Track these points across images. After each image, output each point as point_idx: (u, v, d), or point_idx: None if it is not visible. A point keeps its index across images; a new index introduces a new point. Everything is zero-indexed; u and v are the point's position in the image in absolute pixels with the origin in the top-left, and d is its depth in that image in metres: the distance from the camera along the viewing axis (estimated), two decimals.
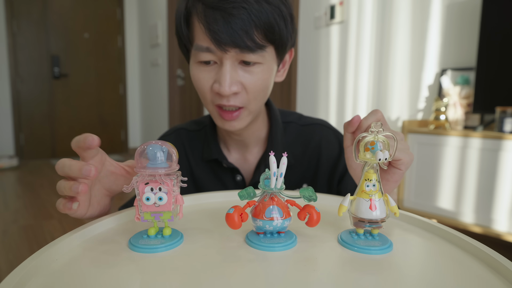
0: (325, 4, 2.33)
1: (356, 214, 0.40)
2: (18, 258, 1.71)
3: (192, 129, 0.76)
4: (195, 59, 0.59)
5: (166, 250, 0.38)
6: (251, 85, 0.59)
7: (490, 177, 1.42)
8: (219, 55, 0.56)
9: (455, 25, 1.78)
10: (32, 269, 0.33)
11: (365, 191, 0.40)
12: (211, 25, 0.54)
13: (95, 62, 4.51)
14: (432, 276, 0.34)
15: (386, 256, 0.38)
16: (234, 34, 0.53)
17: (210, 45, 0.55)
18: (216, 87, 0.58)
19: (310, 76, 2.48)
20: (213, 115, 0.63)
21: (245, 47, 0.55)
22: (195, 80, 0.61)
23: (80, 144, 0.40)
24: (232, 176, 0.72)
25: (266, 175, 0.40)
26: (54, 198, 2.71)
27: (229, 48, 0.54)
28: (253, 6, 0.53)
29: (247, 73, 0.58)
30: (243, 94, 0.60)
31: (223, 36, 0.53)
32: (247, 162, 0.73)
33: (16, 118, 4.11)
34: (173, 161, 0.39)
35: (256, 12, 0.53)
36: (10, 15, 3.96)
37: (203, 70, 0.59)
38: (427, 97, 1.91)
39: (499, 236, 1.41)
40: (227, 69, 0.57)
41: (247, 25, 0.53)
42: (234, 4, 0.52)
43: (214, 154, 0.71)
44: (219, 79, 0.57)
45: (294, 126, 0.74)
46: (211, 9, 0.53)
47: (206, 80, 0.59)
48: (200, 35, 0.56)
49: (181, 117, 3.98)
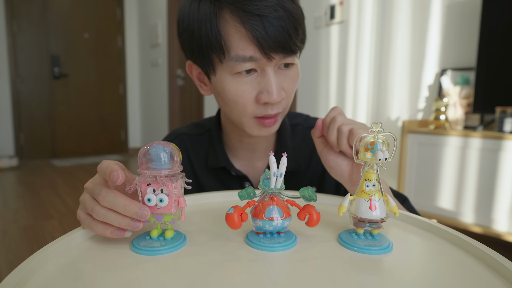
0: (325, 4, 2.33)
1: (356, 214, 0.40)
2: (18, 258, 1.71)
3: (194, 134, 0.73)
4: (232, 71, 0.55)
5: (169, 252, 0.38)
6: (290, 87, 0.58)
7: (490, 177, 1.42)
8: (263, 63, 0.54)
9: (455, 25, 1.78)
10: (32, 269, 0.33)
11: (365, 191, 0.40)
12: (257, 32, 0.51)
13: (95, 62, 4.51)
14: (432, 276, 0.34)
15: (386, 256, 0.38)
16: (282, 40, 0.52)
17: (255, 53, 0.52)
18: (264, 97, 0.55)
19: (310, 76, 2.48)
20: (248, 125, 0.60)
21: (290, 51, 0.54)
22: (234, 94, 0.56)
23: (105, 176, 0.39)
24: (240, 184, 0.70)
25: (266, 175, 0.40)
26: (54, 198, 2.71)
27: (274, 54, 0.53)
28: (288, 6, 0.52)
29: (286, 77, 0.58)
30: (284, 99, 0.59)
31: (270, 43, 0.51)
32: (255, 168, 0.71)
33: (16, 118, 4.11)
34: (176, 162, 0.39)
35: (292, 13, 0.53)
36: (10, 15, 3.96)
37: (245, 81, 0.55)
38: (427, 97, 1.91)
39: (499, 236, 1.41)
40: (272, 77, 0.55)
41: (288, 27, 0.52)
42: (274, 7, 0.51)
43: (221, 162, 0.68)
44: (266, 88, 0.55)
45: (301, 128, 0.73)
46: (253, 15, 0.51)
47: (249, 92, 0.56)
48: (241, 44, 0.52)
49: (181, 117, 3.98)
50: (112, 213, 0.38)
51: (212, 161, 0.70)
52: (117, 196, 0.38)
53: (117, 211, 0.38)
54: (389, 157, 0.39)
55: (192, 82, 3.74)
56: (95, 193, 0.39)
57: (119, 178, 0.38)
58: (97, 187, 0.39)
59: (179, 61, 3.89)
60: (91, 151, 4.62)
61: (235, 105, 0.57)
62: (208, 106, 3.49)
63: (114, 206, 0.38)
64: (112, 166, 0.39)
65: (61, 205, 2.53)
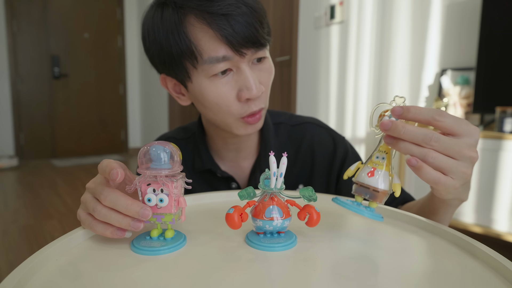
0: (325, 4, 2.33)
1: (357, 178, 0.41)
2: (18, 258, 1.71)
3: (180, 138, 0.74)
4: (207, 74, 0.55)
5: (169, 252, 0.38)
6: (266, 80, 0.59)
7: (490, 177, 1.42)
8: (236, 60, 0.54)
9: (455, 25, 1.78)
10: (32, 269, 0.33)
11: (373, 160, 0.40)
12: (224, 30, 0.51)
13: (95, 62, 4.51)
14: (432, 276, 0.34)
15: (386, 256, 0.38)
16: (250, 35, 0.53)
17: (227, 52, 0.53)
18: (244, 93, 0.55)
19: (310, 76, 2.48)
20: (234, 126, 0.60)
21: (259, 44, 0.55)
22: (215, 97, 0.56)
23: (105, 174, 0.39)
24: (227, 185, 0.70)
25: (266, 175, 0.40)
26: (54, 198, 2.71)
27: (245, 50, 0.53)
28: (248, 1, 0.53)
29: (261, 70, 0.58)
30: (263, 93, 0.59)
31: (240, 40, 0.52)
32: (241, 169, 0.71)
33: (16, 118, 4.11)
34: (176, 162, 0.39)
35: (254, 7, 0.54)
36: (10, 15, 3.96)
37: (222, 82, 0.56)
38: (427, 97, 1.91)
39: (499, 236, 1.41)
40: (249, 72, 0.55)
41: (253, 22, 0.53)
42: (236, 5, 0.52)
43: (207, 164, 0.69)
44: (245, 85, 0.55)
45: (285, 126, 0.73)
46: (216, 15, 0.51)
47: (229, 92, 0.56)
48: (211, 45, 0.53)
49: (181, 117, 3.98)
50: (113, 212, 0.38)
51: (198, 164, 0.70)
52: (119, 196, 0.38)
53: (118, 211, 0.38)
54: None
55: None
56: (97, 193, 0.39)
57: (118, 175, 0.38)
58: (99, 187, 0.39)
59: None
60: (91, 151, 4.62)
61: (218, 108, 0.57)
62: None
63: (116, 205, 0.38)
64: (111, 165, 0.39)
65: (61, 205, 2.53)
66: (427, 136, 0.36)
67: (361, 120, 2.23)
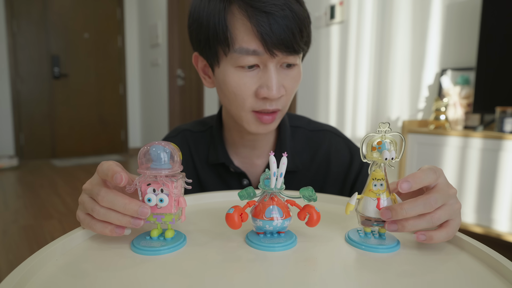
0: (325, 4, 2.33)
1: (364, 213, 0.40)
2: (18, 258, 1.71)
3: (196, 130, 0.75)
4: (235, 63, 0.57)
5: (169, 252, 0.38)
6: (291, 86, 0.60)
7: (490, 177, 1.42)
8: (265, 58, 0.56)
9: (455, 25, 1.78)
10: (32, 269, 0.33)
11: (372, 190, 0.40)
12: (262, 27, 0.53)
13: (95, 62, 4.51)
14: (432, 276, 0.34)
15: (385, 256, 0.38)
16: (286, 38, 0.54)
17: (258, 47, 0.54)
18: (263, 91, 0.57)
19: (310, 76, 2.48)
20: (247, 120, 0.61)
21: (292, 50, 0.56)
22: (235, 86, 0.58)
23: (107, 179, 0.39)
24: (238, 180, 0.71)
25: (266, 175, 0.40)
26: (54, 198, 2.71)
27: (277, 51, 0.54)
28: (295, 7, 0.55)
29: (287, 76, 0.59)
30: (284, 97, 0.60)
31: (274, 40, 0.53)
32: (254, 166, 0.72)
33: (16, 118, 4.11)
34: (176, 162, 0.39)
35: (298, 15, 0.55)
36: (10, 15, 3.96)
37: (246, 75, 0.57)
38: (427, 97, 1.91)
39: (499, 236, 1.41)
40: (273, 73, 0.56)
41: (293, 27, 0.54)
42: (281, 6, 0.53)
43: (221, 158, 0.69)
44: (266, 83, 0.56)
45: (303, 131, 0.74)
46: (258, 11, 0.53)
47: (249, 86, 0.57)
48: (246, 37, 0.54)
49: (181, 117, 3.98)
50: (112, 212, 0.38)
51: (212, 157, 0.71)
52: (117, 196, 0.38)
53: (117, 210, 0.38)
54: (397, 157, 0.39)
55: (192, 82, 3.75)
56: (94, 194, 0.39)
57: (123, 180, 0.38)
58: (96, 188, 0.39)
59: (179, 61, 3.89)
60: (91, 151, 4.62)
61: (234, 98, 0.59)
62: (208, 106, 3.49)
63: (114, 205, 0.38)
64: (114, 168, 0.39)
65: (61, 205, 2.53)
66: (428, 204, 0.38)
67: (361, 120, 2.23)
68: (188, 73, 3.79)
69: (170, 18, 3.85)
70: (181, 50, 3.85)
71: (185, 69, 3.83)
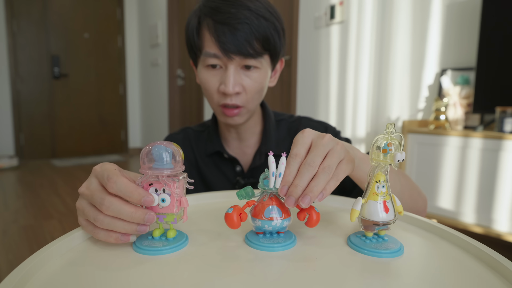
0: (325, 4, 2.33)
1: (369, 217, 0.39)
2: (18, 258, 1.71)
3: (197, 130, 0.88)
4: (204, 64, 0.70)
5: (171, 252, 0.38)
6: (250, 86, 0.70)
7: (490, 177, 1.42)
8: (225, 61, 0.67)
9: (455, 25, 1.78)
10: (32, 269, 0.33)
11: (376, 193, 0.39)
12: (220, 37, 0.65)
13: (95, 62, 4.51)
14: (432, 276, 0.34)
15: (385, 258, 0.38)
16: (239, 44, 0.65)
17: (218, 52, 0.67)
18: (222, 87, 0.68)
19: (310, 76, 2.48)
20: (217, 112, 0.75)
21: (247, 54, 0.67)
22: (204, 82, 0.72)
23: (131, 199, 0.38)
24: (232, 166, 0.81)
25: (265, 175, 0.40)
26: (54, 198, 2.71)
27: (234, 55, 0.66)
28: (253, 22, 0.66)
29: (247, 77, 0.70)
30: (243, 95, 0.70)
31: (229, 46, 0.65)
32: (245, 154, 0.83)
33: (16, 118, 4.11)
34: (178, 162, 0.39)
35: (256, 27, 0.66)
36: (10, 15, 3.96)
37: (211, 73, 0.70)
38: (427, 97, 1.91)
39: (499, 236, 1.41)
40: (231, 72, 0.68)
41: (249, 37, 0.65)
42: (239, 20, 0.65)
43: (216, 146, 0.81)
44: (224, 81, 0.68)
45: (285, 122, 0.85)
46: (220, 24, 0.65)
47: (213, 82, 0.70)
48: (209, 43, 0.68)
49: (181, 117, 3.98)
50: (117, 221, 0.38)
51: (209, 148, 0.83)
52: (122, 205, 0.37)
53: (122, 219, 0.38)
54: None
55: (192, 82, 3.75)
56: (97, 202, 0.37)
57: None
58: (98, 195, 0.38)
59: (179, 61, 3.89)
60: (91, 151, 4.62)
61: (206, 93, 0.73)
62: (208, 106, 3.49)
63: (120, 214, 0.37)
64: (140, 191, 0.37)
65: (61, 205, 2.53)
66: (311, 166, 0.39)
67: (361, 120, 2.23)
68: (188, 73, 3.79)
69: (170, 18, 3.85)
70: (181, 50, 3.85)
71: (185, 69, 3.83)
